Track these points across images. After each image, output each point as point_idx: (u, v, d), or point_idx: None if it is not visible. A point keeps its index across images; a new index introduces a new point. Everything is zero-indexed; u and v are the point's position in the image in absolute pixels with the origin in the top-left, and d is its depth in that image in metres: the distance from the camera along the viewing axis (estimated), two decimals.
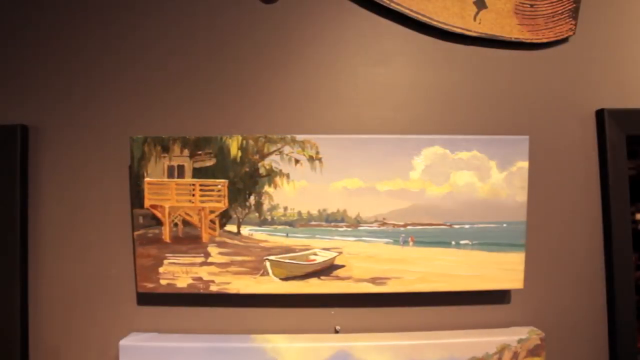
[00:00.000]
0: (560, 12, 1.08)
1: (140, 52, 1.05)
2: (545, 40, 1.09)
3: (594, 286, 1.07)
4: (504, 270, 1.01)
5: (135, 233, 0.99)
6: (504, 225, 1.00)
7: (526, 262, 1.01)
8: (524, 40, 1.09)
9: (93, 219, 1.03)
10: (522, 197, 1.00)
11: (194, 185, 0.98)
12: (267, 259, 0.99)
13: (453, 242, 1.00)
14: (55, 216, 1.04)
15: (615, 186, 1.06)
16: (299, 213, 0.98)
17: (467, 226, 1.00)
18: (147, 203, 0.98)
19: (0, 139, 1.03)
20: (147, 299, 1.05)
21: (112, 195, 1.03)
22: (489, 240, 1.00)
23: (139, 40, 1.06)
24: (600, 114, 1.09)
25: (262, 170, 0.97)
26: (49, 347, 1.05)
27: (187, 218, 0.99)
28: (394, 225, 0.99)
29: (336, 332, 1.05)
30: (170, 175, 0.98)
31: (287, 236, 0.99)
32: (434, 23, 1.05)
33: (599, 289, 1.07)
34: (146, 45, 1.05)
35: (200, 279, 0.99)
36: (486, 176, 0.99)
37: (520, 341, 1.01)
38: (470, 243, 1.00)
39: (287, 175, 0.97)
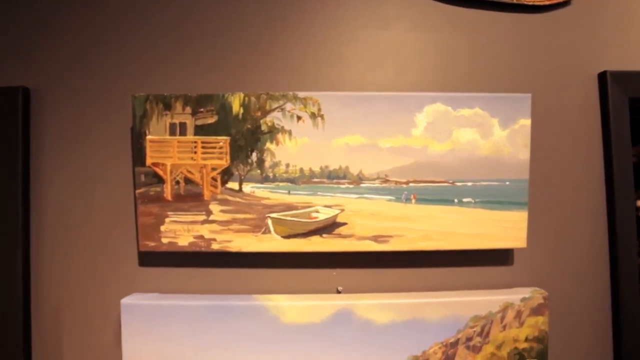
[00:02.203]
0: None
1: (143, 11, 1.05)
2: (547, 3, 1.09)
3: (596, 245, 1.06)
4: (506, 228, 1.00)
5: (137, 191, 0.99)
6: (507, 183, 1.00)
7: (529, 221, 1.01)
8: (525, 3, 1.09)
9: (95, 178, 1.03)
10: (524, 155, 0.99)
11: (195, 142, 0.98)
12: (268, 216, 0.98)
13: (455, 200, 1.00)
14: (57, 176, 1.04)
15: (618, 147, 1.06)
16: (301, 170, 0.98)
17: (469, 184, 0.99)
18: (148, 161, 0.98)
19: (2, 101, 1.03)
20: (148, 259, 1.05)
21: (114, 154, 1.03)
22: (491, 198, 1.00)
23: (141, 0, 1.06)
24: (602, 76, 1.09)
25: (264, 127, 0.97)
26: (50, 308, 1.04)
27: (189, 176, 0.99)
28: (396, 182, 0.99)
29: (338, 292, 1.04)
30: (172, 133, 0.98)
31: (289, 193, 0.98)
32: None
33: (602, 248, 1.06)
34: (148, 4, 1.06)
35: (201, 237, 0.99)
36: (488, 134, 0.98)
37: (523, 300, 1.01)
38: (472, 201, 1.00)
39: (289, 132, 0.97)
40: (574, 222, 1.06)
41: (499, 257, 1.06)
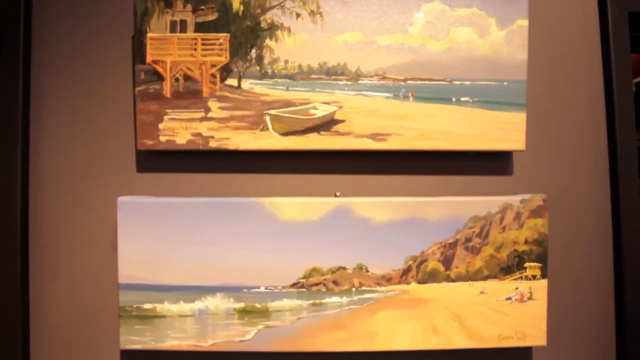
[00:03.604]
0: None
1: None
2: None
3: (596, 149, 1.06)
4: (505, 130, 1.00)
5: (137, 89, 1.00)
6: (505, 83, 1.00)
7: (527, 124, 1.00)
8: None
9: (95, 77, 1.04)
10: (522, 55, 1.00)
11: (195, 39, 0.99)
12: (267, 113, 0.99)
13: (454, 99, 1.00)
14: (57, 74, 1.04)
15: (618, 58, 1.06)
16: (300, 66, 0.98)
17: (467, 83, 1.00)
18: (149, 58, 0.99)
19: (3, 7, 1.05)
20: (146, 164, 1.05)
21: (114, 51, 1.04)
22: (489, 98, 1.00)
23: None
24: None
25: (263, 24, 0.98)
26: (47, 213, 1.04)
27: (188, 73, 0.99)
28: (394, 79, 0.99)
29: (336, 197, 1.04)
30: (173, 30, 0.99)
31: (287, 90, 0.99)
32: None
33: (601, 150, 1.06)
34: None
35: (199, 134, 0.99)
36: (486, 33, 0.99)
37: (522, 201, 1.00)
38: (470, 100, 1.00)
39: (288, 29, 0.98)
40: (572, 125, 1.06)
41: (499, 165, 1.05)
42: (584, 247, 1.06)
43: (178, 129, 0.99)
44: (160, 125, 0.99)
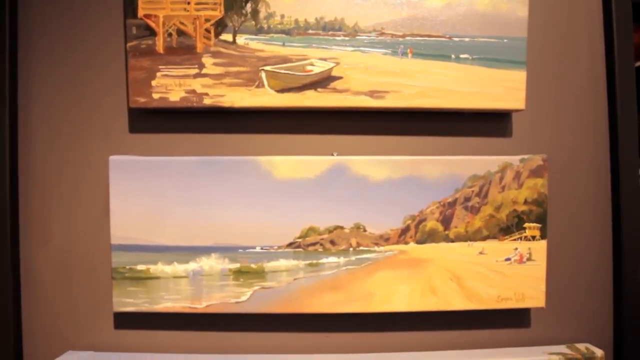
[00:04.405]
0: None
1: None
2: None
3: (596, 109, 1.05)
4: (505, 88, 0.98)
5: (128, 44, 0.97)
6: (505, 40, 0.98)
7: (528, 83, 0.99)
8: None
9: (85, 32, 1.01)
10: (523, 12, 0.98)
11: None
12: (262, 69, 0.96)
13: (453, 56, 0.98)
14: (46, 30, 1.01)
15: (619, 14, 1.04)
16: (296, 21, 0.96)
17: (467, 39, 0.98)
18: (140, 13, 0.96)
19: None
20: (139, 124, 1.02)
21: (104, 5, 1.01)
22: (489, 55, 0.98)
23: None
24: None
25: None
26: (38, 176, 1.01)
27: (182, 27, 0.97)
28: (392, 35, 0.97)
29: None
30: None
31: (283, 45, 0.96)
32: None
33: (601, 112, 1.05)
34: None
35: (193, 91, 0.97)
36: None
37: (522, 161, 0.99)
38: (470, 57, 0.98)
39: None
40: (572, 84, 1.05)
41: (498, 126, 1.04)
42: (583, 209, 1.05)
43: (171, 86, 0.97)
44: (153, 82, 0.97)
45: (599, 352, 0.98)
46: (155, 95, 0.97)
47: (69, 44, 1.01)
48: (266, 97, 0.96)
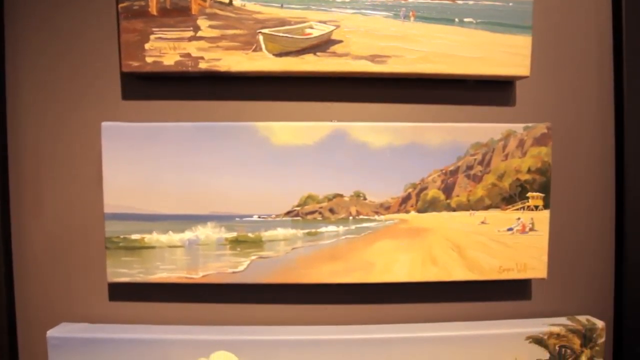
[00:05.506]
0: None
1: None
2: None
3: (601, 78, 1.02)
4: (509, 54, 0.95)
5: (120, 5, 0.93)
6: (510, 4, 0.95)
7: (533, 49, 0.96)
8: None
9: None
10: None
11: None
12: (260, 32, 0.93)
13: (456, 20, 0.95)
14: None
15: None
16: None
17: (471, 2, 0.95)
18: None
19: None
20: (132, 90, 0.99)
21: None
22: (493, 19, 0.95)
23: None
24: None
25: None
26: (28, 145, 0.98)
27: None
28: None
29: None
30: None
31: (281, 7, 0.93)
32: None
33: (607, 81, 1.02)
34: None
35: (188, 55, 0.93)
36: None
37: (526, 128, 0.96)
38: (474, 21, 0.95)
39: None
40: (578, 51, 1.02)
41: (501, 95, 1.01)
42: (586, 179, 1.03)
43: (165, 49, 0.93)
44: (146, 46, 0.93)
45: (600, 324, 0.97)
46: (149, 59, 0.93)
47: (58, 5, 0.97)
48: (264, 61, 0.93)
